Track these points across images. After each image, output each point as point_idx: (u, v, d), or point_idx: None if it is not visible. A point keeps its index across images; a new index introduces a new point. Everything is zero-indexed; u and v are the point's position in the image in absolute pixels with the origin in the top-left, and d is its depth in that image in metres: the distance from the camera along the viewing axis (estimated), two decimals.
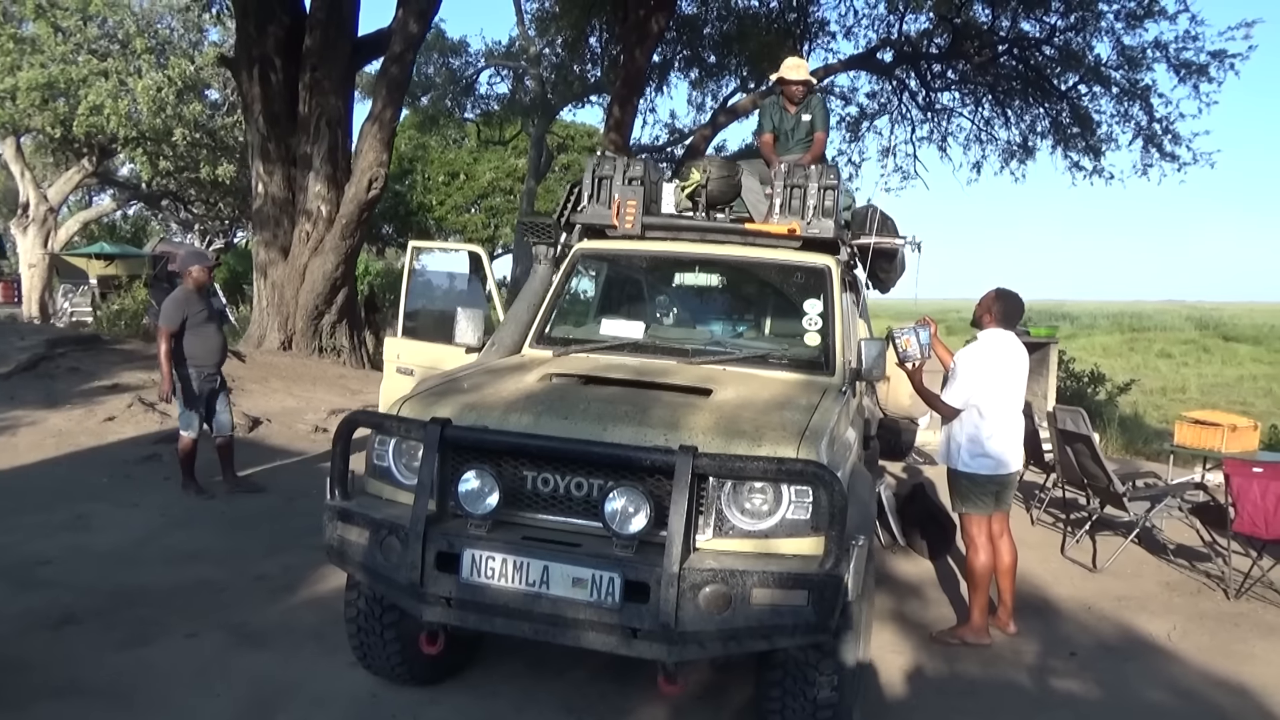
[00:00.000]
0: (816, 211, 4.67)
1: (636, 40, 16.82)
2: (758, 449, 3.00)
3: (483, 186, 37.68)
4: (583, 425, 3.11)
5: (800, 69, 6.12)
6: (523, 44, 27.05)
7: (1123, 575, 6.04)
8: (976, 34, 18.90)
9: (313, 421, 9.14)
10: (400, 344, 5.33)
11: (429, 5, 11.03)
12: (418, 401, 3.38)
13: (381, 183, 11.48)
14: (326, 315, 12.68)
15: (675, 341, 4.41)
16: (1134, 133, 18.90)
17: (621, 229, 4.74)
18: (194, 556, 5.31)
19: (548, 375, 3.75)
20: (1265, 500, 5.49)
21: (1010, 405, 4.63)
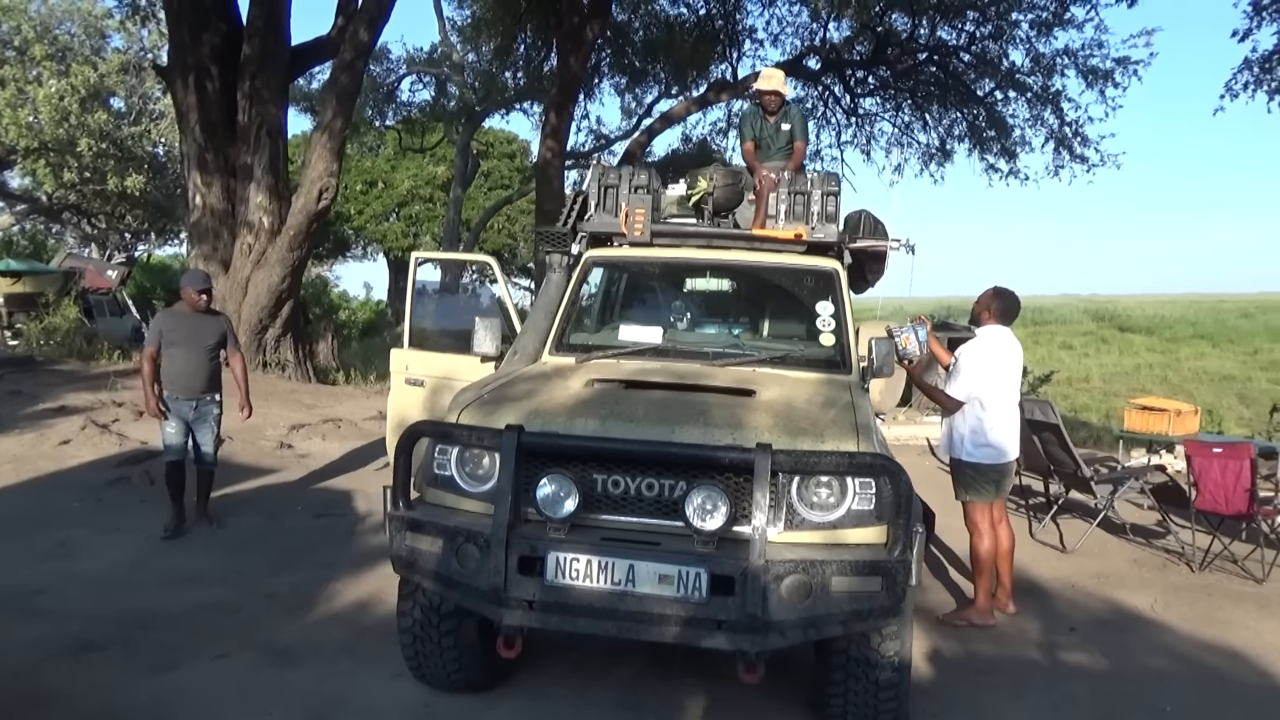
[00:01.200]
0: (820, 217, 4.86)
1: (571, 48, 16.90)
2: (822, 444, 3.15)
3: (402, 194, 37.16)
4: (650, 428, 3.20)
5: (773, 79, 6.30)
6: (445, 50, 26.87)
7: (1092, 555, 6.40)
8: (897, 42, 19.57)
9: (275, 438, 8.97)
10: (408, 355, 5.30)
11: (379, 13, 10.91)
12: (477, 410, 3.42)
13: (333, 193, 11.30)
14: (271, 329, 12.38)
15: (694, 345, 4.53)
16: (1046, 136, 19.84)
17: (631, 236, 4.84)
18: (193, 578, 5.19)
19: (590, 380, 3.82)
20: (1225, 478, 5.90)
21: (1009, 397, 4.89)
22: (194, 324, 6.03)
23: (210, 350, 6.07)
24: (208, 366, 6.06)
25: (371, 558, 5.63)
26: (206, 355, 6.05)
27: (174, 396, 5.98)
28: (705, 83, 21.51)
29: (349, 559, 5.60)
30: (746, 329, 4.96)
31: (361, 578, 5.26)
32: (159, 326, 6.04)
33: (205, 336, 6.04)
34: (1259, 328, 42.02)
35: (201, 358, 6.02)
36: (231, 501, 6.81)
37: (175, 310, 6.21)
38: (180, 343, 5.96)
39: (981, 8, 18.31)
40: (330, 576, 5.23)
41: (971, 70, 19.74)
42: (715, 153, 22.70)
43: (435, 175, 36.89)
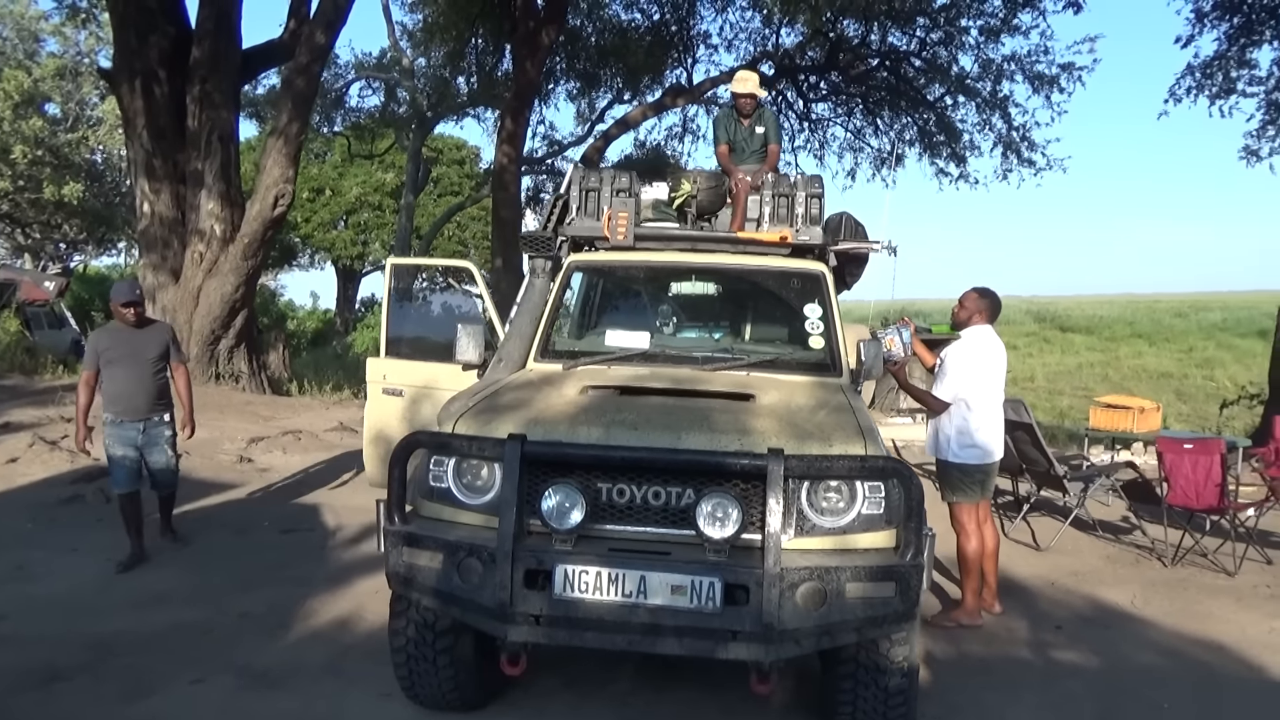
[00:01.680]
0: (804, 219, 4.83)
1: (527, 53, 16.78)
2: (830, 449, 3.10)
3: (350, 202, 36.62)
4: (655, 434, 3.13)
5: (748, 82, 6.27)
6: (394, 56, 26.54)
7: (1066, 552, 6.47)
8: (849, 47, 19.80)
9: (234, 451, 8.70)
10: (385, 364, 5.15)
11: (336, 16, 10.68)
12: (473, 419, 3.32)
13: (289, 200, 11.03)
14: (224, 340, 12.04)
15: (683, 350, 4.46)
16: (995, 140, 20.22)
17: (613, 240, 4.77)
18: (160, 599, 4.98)
19: (585, 387, 3.74)
20: (1195, 474, 6.01)
21: (994, 397, 4.91)
22: (132, 339, 5.55)
23: (153, 365, 5.60)
24: (153, 383, 5.60)
25: (346, 573, 5.47)
26: (150, 371, 5.58)
27: (118, 420, 5.52)
28: (660, 88, 21.57)
29: (323, 575, 5.42)
30: (733, 333, 4.92)
31: (338, 594, 5.09)
32: (95, 346, 5.57)
33: (146, 351, 5.57)
34: (1192, 326, 43.23)
35: (144, 374, 5.55)
36: (194, 518, 6.57)
37: (111, 327, 5.70)
38: (120, 361, 5.49)
39: (932, 14, 18.62)
40: (305, 594, 5.06)
41: (922, 75, 20.06)
42: (671, 158, 22.73)
43: (384, 182, 36.41)
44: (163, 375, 5.70)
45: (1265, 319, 36.90)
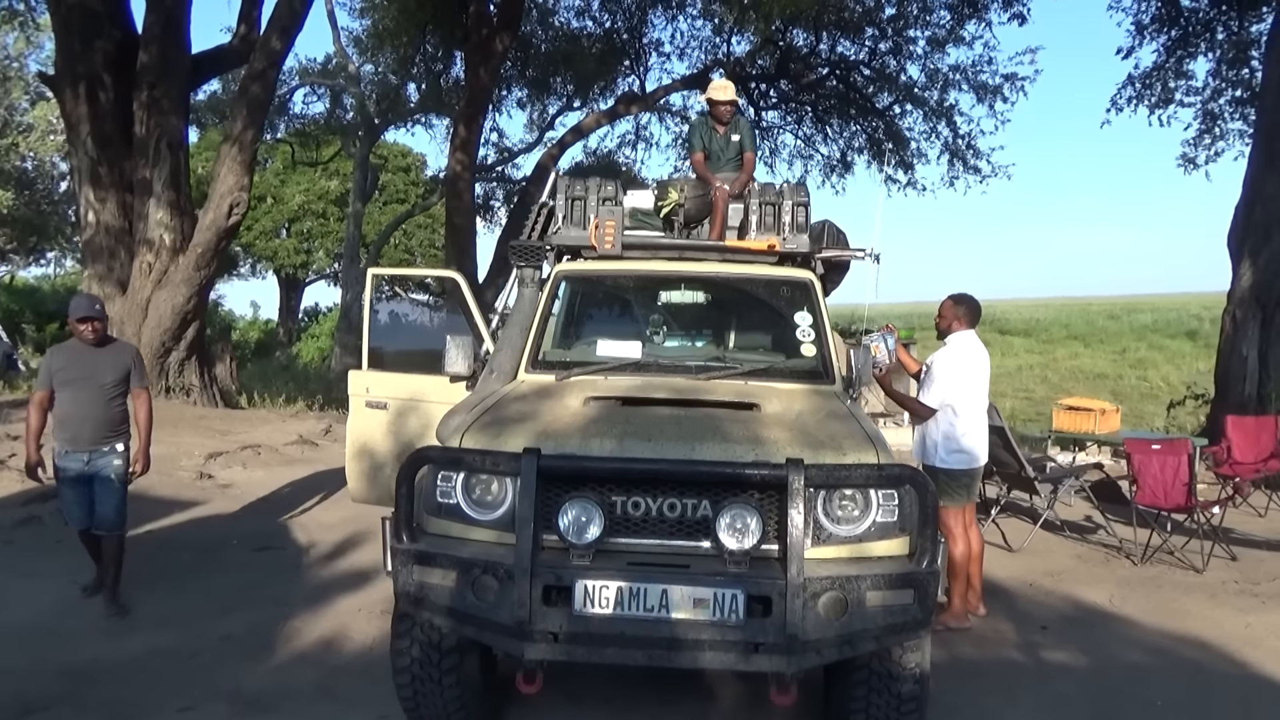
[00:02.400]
0: (791, 227, 4.85)
1: (481, 60, 16.64)
2: (844, 458, 3.10)
3: (292, 210, 35.97)
4: (670, 446, 3.10)
5: (727, 90, 6.29)
6: (340, 62, 26.16)
7: (1038, 553, 6.59)
8: (799, 57, 20.05)
9: (192, 468, 8.45)
10: (369, 377, 5.03)
11: (292, 21, 10.46)
12: (480, 433, 3.25)
13: (244, 208, 10.76)
14: (174, 352, 11.71)
15: (675, 359, 4.44)
16: (941, 148, 20.64)
17: (601, 249, 4.73)
18: (134, 624, 4.81)
19: (587, 399, 3.69)
20: (1164, 474, 6.17)
21: (979, 402, 4.97)
22: (90, 360, 4.97)
23: (109, 390, 4.98)
24: (105, 411, 4.97)
25: (326, 592, 5.34)
26: (104, 397, 4.96)
27: (63, 450, 4.94)
28: (612, 95, 21.60)
29: (302, 594, 5.28)
30: (723, 341, 4.90)
31: (320, 614, 4.96)
32: (49, 365, 5.05)
33: (103, 374, 4.97)
34: (1125, 328, 44.52)
35: (97, 400, 4.94)
36: (158, 537, 6.36)
37: (68, 345, 5.11)
38: (73, 383, 4.93)
39: (880, 25, 18.95)
40: (286, 614, 4.92)
41: (871, 84, 20.39)
42: (623, 166, 22.75)
43: (329, 190, 35.83)
44: (120, 403, 5.09)
45: (1192, 320, 38.21)
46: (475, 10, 16.64)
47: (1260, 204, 10.82)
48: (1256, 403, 10.63)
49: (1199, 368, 28.23)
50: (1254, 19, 14.62)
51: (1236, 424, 8.65)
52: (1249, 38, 14.80)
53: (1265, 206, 10.77)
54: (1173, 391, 24.55)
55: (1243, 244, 11.03)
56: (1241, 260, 11.00)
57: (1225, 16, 14.70)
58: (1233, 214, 11.28)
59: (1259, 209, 10.84)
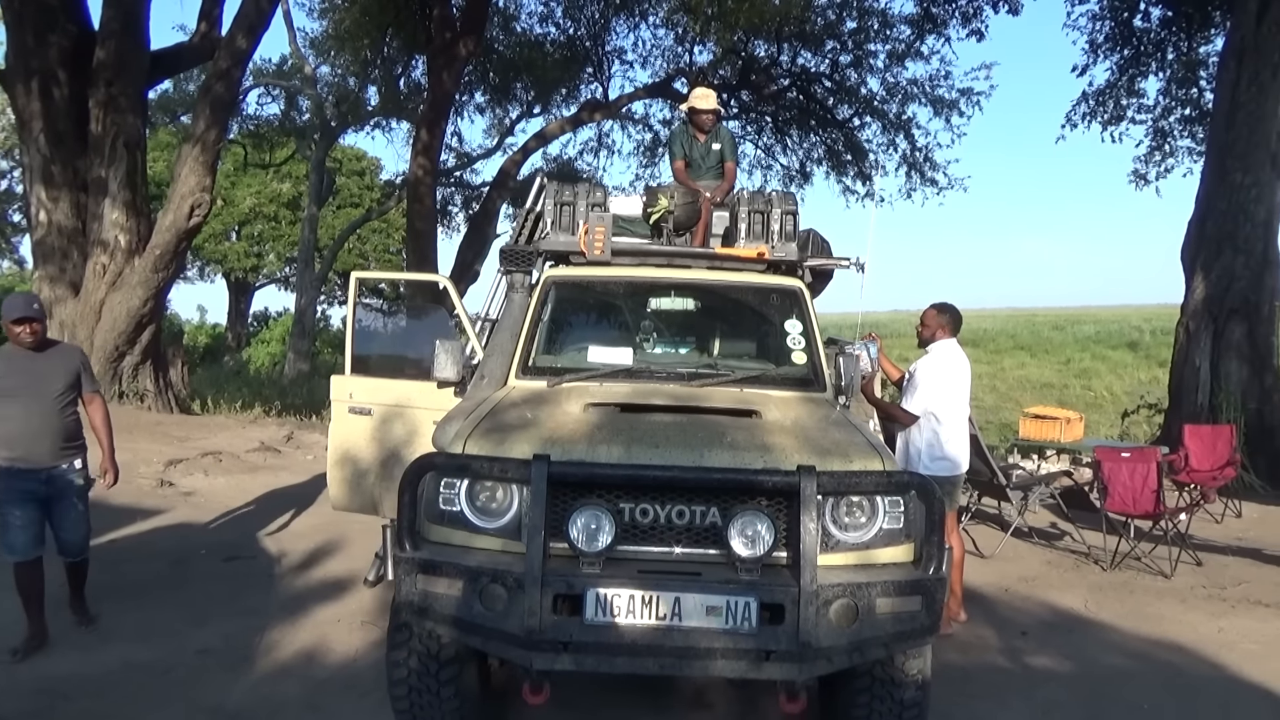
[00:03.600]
0: (780, 235, 4.87)
1: (444, 64, 16.49)
2: (850, 465, 3.11)
3: (243, 213, 35.33)
4: (678, 453, 3.08)
5: (709, 99, 6.31)
6: (296, 63, 25.78)
7: (1009, 559, 6.68)
8: (760, 68, 20.23)
9: (152, 475, 8.22)
10: (352, 382, 4.92)
11: (259, 20, 10.27)
12: (484, 439, 3.20)
13: (206, 210, 10.52)
14: (129, 356, 11.39)
15: (667, 366, 4.42)
16: (899, 160, 20.95)
17: (590, 255, 4.70)
18: (105, 638, 4.64)
19: (586, 405, 3.66)
20: (1133, 481, 6.30)
21: (961, 410, 5.03)
22: (31, 366, 4.48)
23: (59, 398, 4.51)
24: (59, 421, 4.50)
25: (302, 602, 5.22)
26: (55, 407, 4.49)
27: (13, 468, 4.38)
28: (574, 102, 21.57)
29: (278, 605, 5.15)
30: (712, 349, 4.90)
31: (299, 625, 4.85)
32: None
33: (50, 381, 4.50)
34: (1069, 339, 45.56)
35: (48, 410, 4.46)
36: (123, 546, 6.17)
37: (4, 351, 4.57)
38: (15, 393, 4.40)
39: (841, 38, 19.21)
40: (263, 625, 4.79)
41: (831, 96, 20.64)
42: (585, 172, 22.71)
43: (281, 193, 35.27)
44: (73, 411, 4.63)
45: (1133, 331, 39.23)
46: (439, 14, 16.51)
47: (1212, 219, 11.14)
48: (1209, 412, 10.93)
49: (1140, 377, 28.99)
50: (1202, 41, 15.12)
51: (1193, 433, 8.86)
52: (1197, 58, 15.29)
53: (1217, 221, 11.09)
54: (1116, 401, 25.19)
55: (1195, 258, 11.34)
56: (1194, 274, 11.30)
57: (1175, 38, 15.16)
58: (1186, 229, 11.60)
59: (1210, 224, 11.16)
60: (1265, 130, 10.92)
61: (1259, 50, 10.88)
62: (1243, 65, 10.98)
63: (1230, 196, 10.99)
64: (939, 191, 21.01)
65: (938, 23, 17.58)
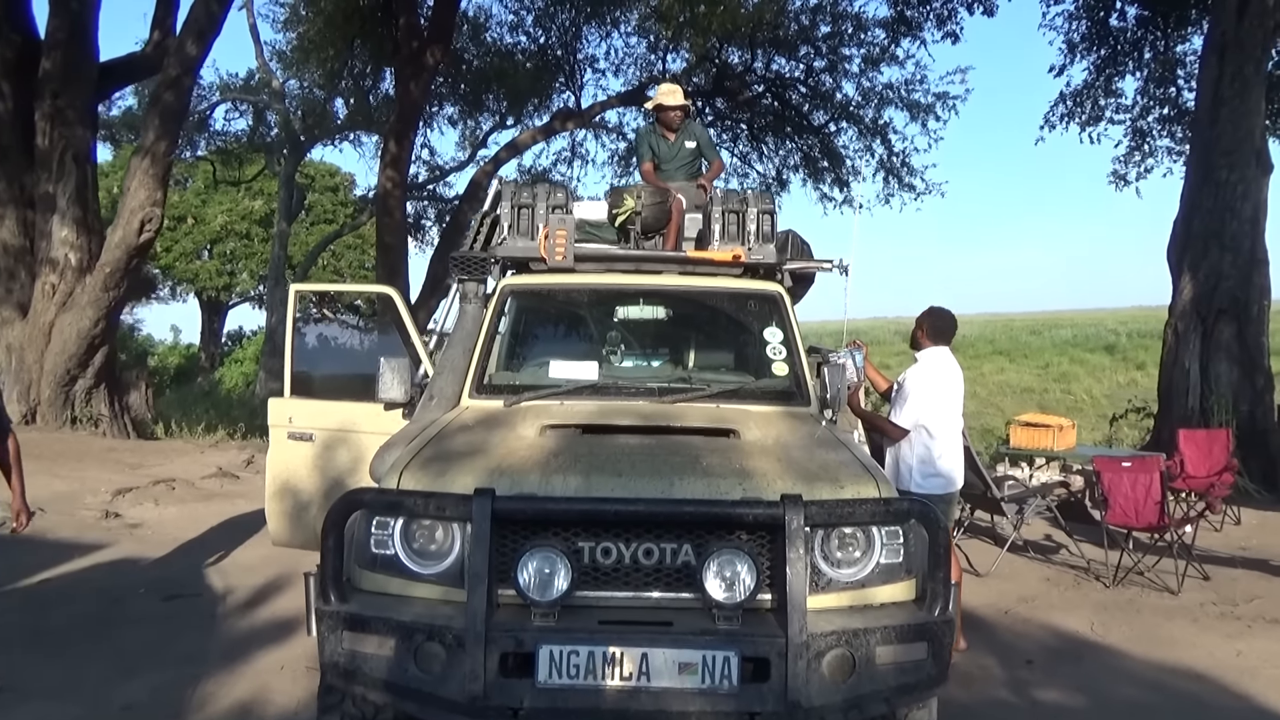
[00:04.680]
0: (757, 237, 4.50)
1: (411, 73, 16.11)
2: (842, 491, 2.73)
3: (214, 231, 34.76)
4: (644, 482, 2.69)
5: (676, 94, 5.97)
6: (263, 77, 25.32)
7: (1006, 577, 6.32)
8: (734, 74, 19.97)
9: (97, 506, 7.73)
10: (292, 405, 4.49)
11: (209, 25, 9.83)
12: (421, 471, 2.79)
13: (157, 224, 10.06)
14: (81, 380, 10.90)
15: (636, 380, 4.04)
16: (876, 166, 20.72)
17: (551, 261, 4.31)
18: (24, 694, 4.15)
19: (543, 427, 3.26)
20: (1135, 492, 5.96)
21: (954, 422, 4.67)
22: None
23: None
24: None
25: (243, 647, 4.76)
26: None
27: None
28: (547, 112, 21.23)
29: (217, 650, 4.69)
30: (686, 360, 4.51)
31: (237, 673, 4.39)
32: None
33: None
34: (1046, 344, 45.62)
35: None
36: (54, 589, 5.68)
37: None
38: None
39: (815, 43, 18.98)
40: (199, 675, 4.33)
41: (806, 102, 20.40)
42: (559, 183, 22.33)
43: (252, 210, 34.78)
44: None
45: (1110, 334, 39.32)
46: (405, 23, 16.14)
47: (1198, 217, 10.90)
48: (1199, 415, 10.66)
49: (1119, 380, 28.94)
50: (1179, 39, 14.97)
51: (1188, 437, 8.57)
52: (1175, 57, 15.15)
53: (1203, 220, 10.85)
54: (1097, 404, 25.06)
55: (1182, 258, 11.09)
56: (1181, 274, 11.06)
57: (1152, 36, 15.01)
58: (1171, 228, 11.36)
59: (1197, 222, 10.92)
60: (1249, 126, 10.71)
61: (1241, 45, 10.67)
62: (1225, 61, 10.77)
63: (1216, 194, 10.75)
64: (917, 196, 20.79)
65: (912, 25, 17.35)
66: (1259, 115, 10.84)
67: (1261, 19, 10.63)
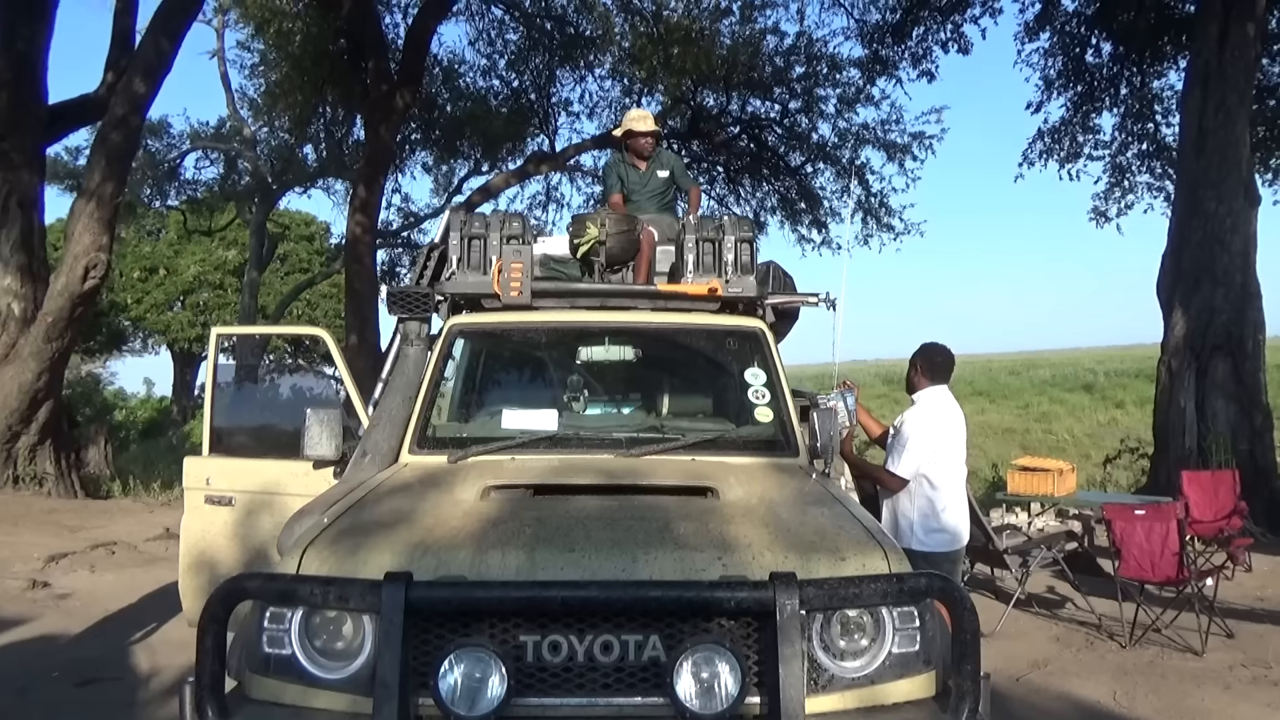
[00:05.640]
0: (736, 268, 4.05)
1: (381, 117, 15.77)
2: (843, 564, 2.24)
3: (187, 282, 34.18)
4: (601, 558, 2.19)
5: (647, 120, 5.60)
6: (234, 125, 25.00)
7: (1013, 637, 5.82)
8: (710, 116, 19.80)
9: (26, 574, 7.11)
10: (210, 465, 3.96)
11: (159, 63, 9.40)
12: (328, 547, 2.28)
13: (103, 271, 9.52)
14: (24, 436, 10.27)
15: (601, 430, 3.54)
16: (854, 206, 20.51)
17: (506, 298, 3.84)
18: None
19: (486, 489, 2.75)
20: (1150, 543, 5.48)
21: (957, 470, 4.20)
22: None
23: None
24: None
25: None
26: None
27: None
28: (521, 156, 20.95)
29: None
30: (658, 406, 4.03)
31: None
32: None
33: None
34: (1025, 384, 45.53)
35: None
36: None
37: None
38: None
39: (790, 83, 18.84)
40: None
41: (783, 143, 20.25)
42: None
43: (226, 260, 34.30)
44: None
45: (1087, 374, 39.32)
46: (375, 66, 15.85)
47: (1187, 251, 10.59)
48: (1197, 455, 10.26)
49: (1099, 419, 28.72)
50: (1155, 75, 14.88)
51: (1192, 479, 8.14)
52: (1151, 93, 15.04)
53: (1192, 254, 10.53)
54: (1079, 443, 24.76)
55: (1172, 293, 10.76)
56: (1173, 309, 10.71)
57: (1128, 72, 14.89)
58: (1160, 263, 11.05)
59: (1186, 256, 10.60)
60: (1236, 156, 10.45)
61: (1223, 75, 10.46)
62: (1208, 91, 10.54)
63: (1205, 227, 10.45)
64: (896, 237, 20.61)
65: (887, 65, 17.22)
66: (1245, 146, 10.59)
67: (1243, 49, 10.44)
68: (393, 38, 17.41)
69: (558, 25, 18.94)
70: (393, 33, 17.64)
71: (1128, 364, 38.47)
